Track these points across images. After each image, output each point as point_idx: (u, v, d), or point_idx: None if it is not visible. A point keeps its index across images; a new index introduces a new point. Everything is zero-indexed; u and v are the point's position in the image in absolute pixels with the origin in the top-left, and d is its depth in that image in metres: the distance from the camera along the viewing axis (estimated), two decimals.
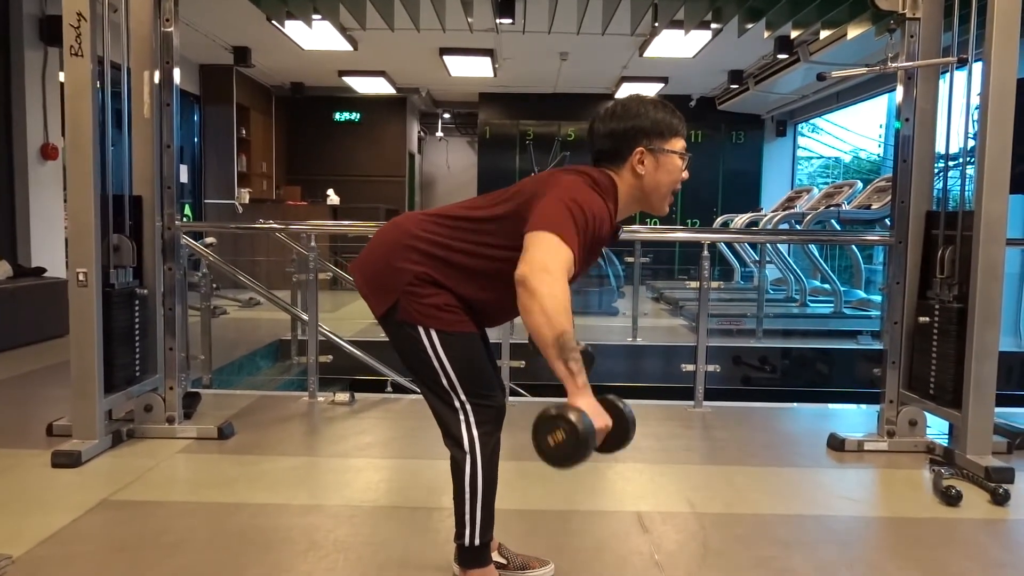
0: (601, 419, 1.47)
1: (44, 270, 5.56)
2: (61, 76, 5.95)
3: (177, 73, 3.10)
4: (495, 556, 1.87)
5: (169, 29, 3.06)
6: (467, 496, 1.69)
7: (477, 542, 1.71)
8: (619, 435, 1.56)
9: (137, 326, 3.06)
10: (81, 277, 2.77)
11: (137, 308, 3.06)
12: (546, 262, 1.49)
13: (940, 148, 3.02)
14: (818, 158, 13.17)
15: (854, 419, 3.69)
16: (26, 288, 5.21)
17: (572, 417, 1.41)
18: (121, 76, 3.00)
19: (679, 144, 1.73)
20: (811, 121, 11.68)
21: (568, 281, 1.52)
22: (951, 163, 3.03)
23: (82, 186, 2.76)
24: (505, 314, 1.81)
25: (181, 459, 2.86)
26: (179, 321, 3.20)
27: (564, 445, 1.41)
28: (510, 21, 6.63)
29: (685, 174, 1.75)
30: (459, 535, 1.72)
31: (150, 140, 3.06)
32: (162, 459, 2.83)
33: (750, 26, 5.65)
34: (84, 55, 2.74)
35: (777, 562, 2.07)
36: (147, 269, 3.11)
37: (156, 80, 3.05)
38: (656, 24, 6.54)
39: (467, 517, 1.70)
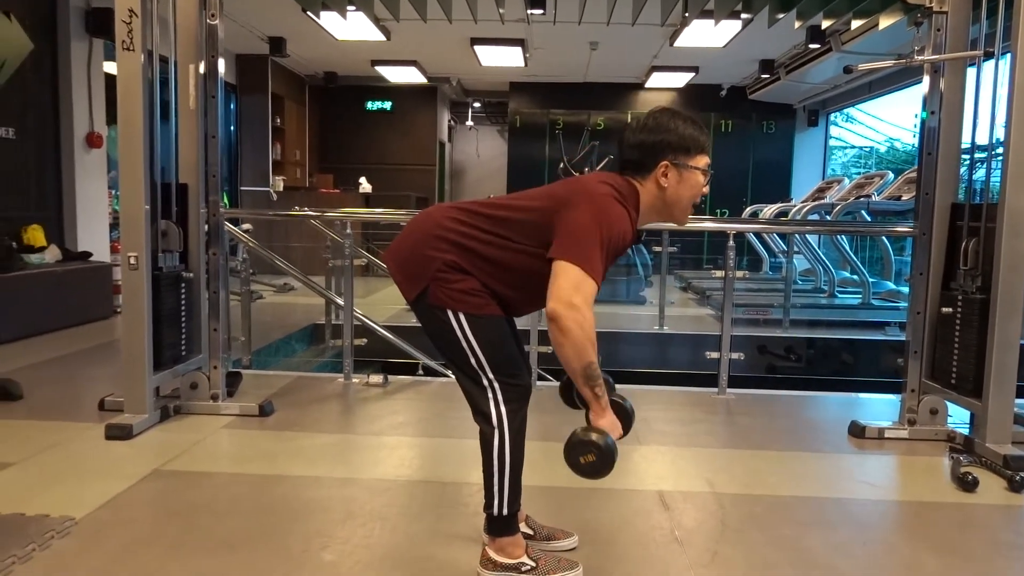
0: (617, 431, 1.75)
1: (90, 254, 5.78)
2: (106, 66, 6.20)
3: (221, 64, 3.24)
4: (522, 527, 1.98)
5: (214, 22, 3.19)
6: (495, 469, 1.80)
7: (505, 512, 1.82)
8: (624, 429, 1.83)
9: (183, 308, 3.22)
10: (132, 261, 2.93)
11: (183, 291, 3.21)
12: (573, 299, 1.64)
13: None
14: (851, 148, 13.02)
15: (877, 408, 3.73)
16: (74, 272, 5.44)
17: (599, 442, 1.70)
18: (168, 68, 3.14)
19: (703, 161, 1.83)
20: (845, 111, 11.55)
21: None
22: (978, 155, 3.06)
23: (133, 174, 2.91)
24: (528, 306, 1.90)
25: (225, 434, 3.01)
26: (222, 304, 3.35)
27: (595, 463, 1.71)
28: (541, 12, 6.68)
29: (706, 189, 1.86)
30: (488, 505, 1.83)
31: (195, 130, 3.20)
32: (207, 434, 2.99)
33: (781, 16, 5.63)
34: (135, 49, 2.88)
35: (794, 540, 2.15)
36: (192, 254, 3.26)
37: (201, 72, 3.18)
38: (686, 14, 6.55)
39: (496, 488, 1.81)
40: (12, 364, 4.10)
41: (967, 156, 3.07)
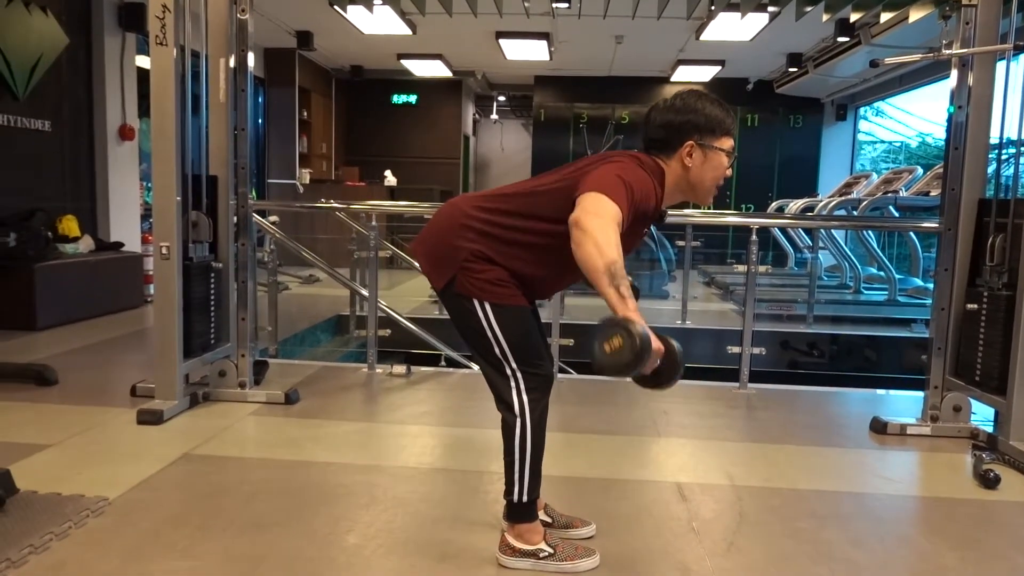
0: (655, 340, 1.52)
1: (122, 244, 5.91)
2: (138, 60, 6.31)
3: (251, 59, 3.29)
4: (541, 515, 2.02)
5: (244, 17, 3.24)
6: (516, 456, 1.83)
7: (525, 499, 1.86)
8: (668, 370, 1.60)
9: (212, 297, 3.29)
10: (164, 250, 3.00)
11: (213, 280, 3.28)
12: (597, 209, 1.60)
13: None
14: (881, 143, 12.83)
15: (900, 404, 3.71)
16: (106, 261, 5.56)
17: (630, 325, 1.47)
18: (200, 63, 3.21)
19: (728, 143, 1.84)
20: (875, 105, 11.39)
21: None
22: (1007, 150, 3.02)
23: (166, 166, 2.98)
24: (555, 286, 1.95)
25: (252, 420, 3.08)
26: (250, 294, 3.43)
27: (621, 351, 1.46)
28: (566, 5, 6.69)
29: (729, 171, 1.87)
30: (508, 492, 1.87)
31: (225, 123, 3.27)
32: (235, 420, 3.06)
33: (808, 9, 5.60)
34: (168, 44, 2.94)
35: (810, 533, 2.16)
36: (221, 244, 3.33)
37: (231, 66, 3.24)
38: (713, 7, 6.52)
39: (516, 475, 1.84)
40: (47, 351, 4.22)
41: (996, 151, 3.04)
